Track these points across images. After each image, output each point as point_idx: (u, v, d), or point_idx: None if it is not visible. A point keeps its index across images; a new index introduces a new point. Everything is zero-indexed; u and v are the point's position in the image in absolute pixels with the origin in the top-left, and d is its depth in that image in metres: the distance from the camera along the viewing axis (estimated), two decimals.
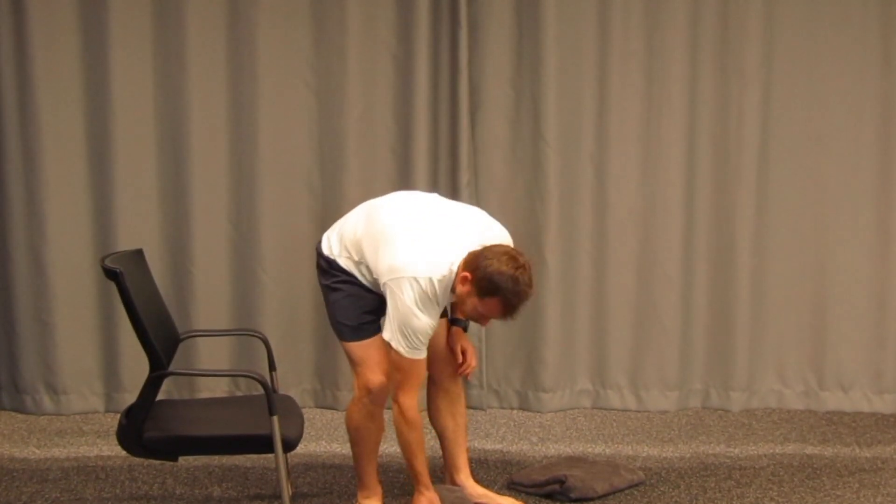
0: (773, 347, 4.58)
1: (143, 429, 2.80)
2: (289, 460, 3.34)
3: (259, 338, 3.45)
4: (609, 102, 4.40)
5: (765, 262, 4.52)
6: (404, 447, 3.16)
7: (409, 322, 2.96)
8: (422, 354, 3.03)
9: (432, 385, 3.43)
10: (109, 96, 4.20)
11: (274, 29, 4.26)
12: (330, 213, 4.35)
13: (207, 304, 4.34)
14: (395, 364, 3.04)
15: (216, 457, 3.85)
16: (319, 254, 3.26)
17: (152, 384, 2.79)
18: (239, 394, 4.35)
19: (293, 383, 4.38)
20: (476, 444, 4.12)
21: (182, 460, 3.33)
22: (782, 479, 3.76)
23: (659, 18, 4.36)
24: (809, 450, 4.12)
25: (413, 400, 3.07)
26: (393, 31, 4.32)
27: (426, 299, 2.96)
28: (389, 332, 3.00)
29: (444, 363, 3.38)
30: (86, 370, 4.35)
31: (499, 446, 4.12)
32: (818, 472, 3.85)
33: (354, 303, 3.16)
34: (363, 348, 3.16)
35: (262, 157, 4.30)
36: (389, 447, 3.85)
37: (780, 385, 4.62)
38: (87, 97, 4.23)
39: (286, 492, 2.88)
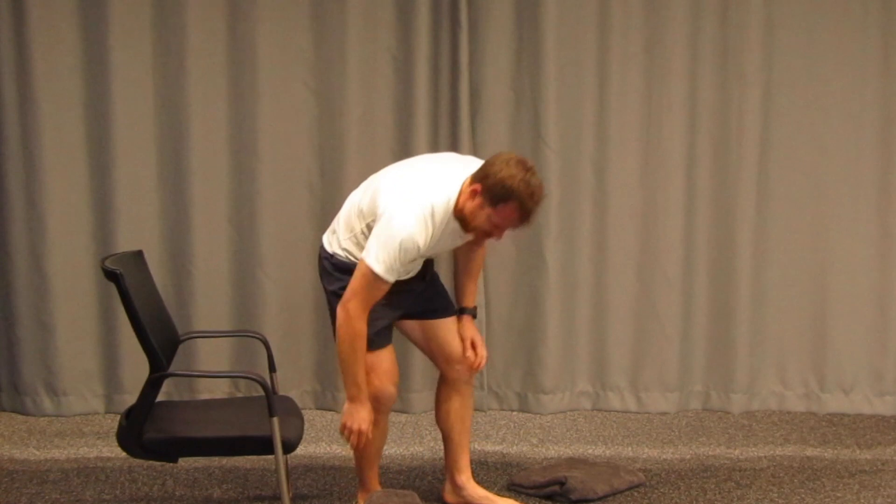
0: (773, 349, 4.59)
1: (143, 430, 2.80)
2: (289, 462, 3.33)
3: (259, 339, 3.44)
4: (609, 104, 4.40)
5: (765, 263, 4.52)
6: (348, 355, 2.97)
7: (400, 241, 2.87)
8: (391, 279, 2.92)
9: (445, 386, 3.37)
10: (109, 97, 4.20)
11: (274, 30, 4.26)
12: (330, 214, 4.32)
13: (207, 305, 4.35)
14: (364, 281, 2.90)
15: (216, 458, 3.84)
16: (323, 254, 3.22)
17: (152, 385, 2.79)
18: (239, 395, 4.35)
19: (293, 385, 4.38)
20: (476, 446, 4.12)
21: (182, 461, 3.33)
22: (782, 480, 3.76)
23: (659, 20, 4.36)
24: (810, 452, 4.12)
25: (364, 312, 2.94)
26: (393, 33, 4.32)
27: (423, 223, 2.91)
28: (371, 252, 2.89)
29: (459, 364, 3.33)
30: (86, 371, 4.36)
31: (499, 448, 4.12)
32: (818, 473, 3.85)
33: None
34: (375, 356, 3.11)
35: (261, 158, 4.30)
36: (389, 449, 3.85)
37: (780, 387, 4.63)
38: (88, 98, 4.23)
39: (286, 493, 2.88)
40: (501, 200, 2.90)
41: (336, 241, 3.16)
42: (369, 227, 3.01)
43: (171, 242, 4.33)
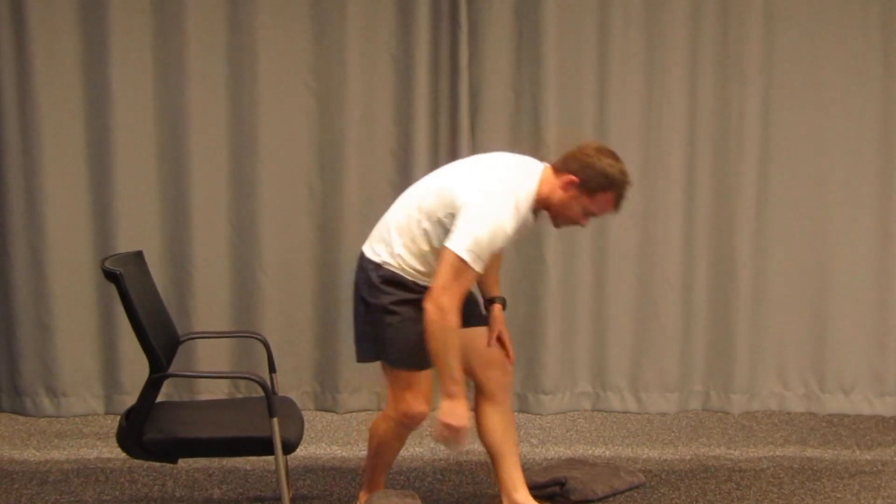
0: (773, 349, 4.58)
1: (143, 431, 2.80)
2: (289, 462, 3.33)
3: (259, 340, 3.44)
4: (609, 105, 4.40)
5: (765, 263, 4.52)
6: (444, 350, 2.89)
7: (491, 227, 2.84)
8: (480, 270, 2.87)
9: (483, 400, 3.28)
10: (110, 98, 4.19)
11: (274, 31, 4.26)
12: (330, 215, 4.35)
13: (207, 305, 4.34)
14: (453, 270, 2.84)
15: (216, 459, 3.85)
16: (366, 265, 3.09)
17: (152, 386, 2.79)
18: (239, 396, 4.35)
19: (293, 386, 4.38)
20: (476, 447, 4.11)
21: (182, 462, 3.33)
22: (782, 481, 3.76)
23: (659, 20, 4.36)
24: (810, 452, 4.12)
25: (457, 305, 2.87)
26: (393, 33, 4.32)
27: (513, 211, 2.89)
28: (460, 240, 2.84)
29: (494, 369, 3.28)
30: (85, 372, 4.35)
31: None
32: (818, 474, 3.85)
33: (415, 328, 2.98)
34: (418, 375, 3.05)
35: (261, 159, 4.30)
36: None
37: (780, 387, 4.62)
38: (88, 99, 4.23)
39: (286, 494, 2.88)
40: (601, 189, 2.98)
41: (386, 249, 3.06)
42: (440, 223, 2.96)
43: (171, 243, 4.33)
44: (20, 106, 4.18)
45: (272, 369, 3.34)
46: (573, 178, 2.97)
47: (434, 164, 4.36)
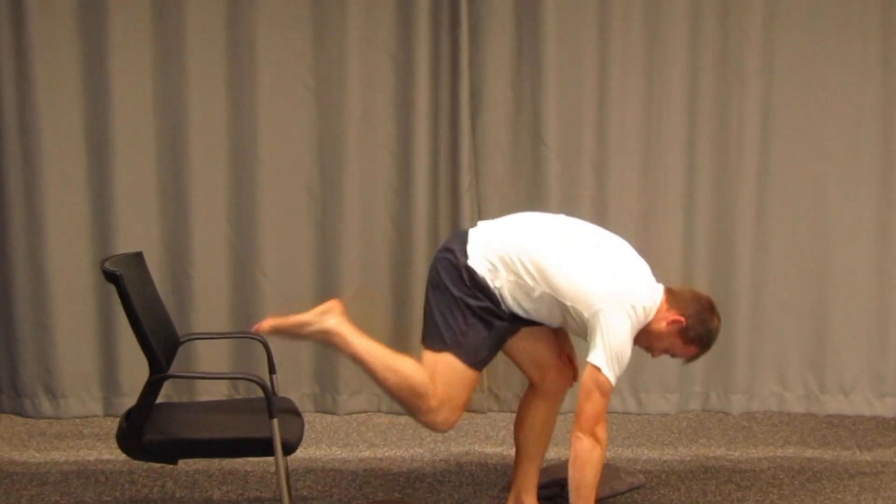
0: (773, 350, 4.59)
1: (143, 432, 2.79)
2: (289, 464, 3.33)
3: (259, 341, 3.43)
4: (609, 105, 4.40)
5: (765, 265, 4.52)
6: (594, 481, 2.93)
7: (624, 350, 2.90)
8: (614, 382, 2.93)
9: (533, 396, 3.26)
10: (109, 98, 4.20)
11: (274, 31, 4.26)
12: (329, 215, 4.35)
13: (206, 307, 4.34)
14: (600, 391, 2.89)
15: (216, 460, 3.84)
16: (458, 262, 3.00)
17: (152, 387, 2.79)
18: (238, 397, 4.35)
19: (293, 387, 4.38)
20: (476, 448, 4.12)
21: (182, 463, 3.31)
22: (782, 482, 3.75)
23: (659, 21, 4.37)
24: (810, 453, 4.11)
25: (605, 430, 2.95)
26: (393, 33, 4.32)
27: (636, 328, 2.95)
28: (604, 359, 2.88)
29: (555, 371, 3.25)
30: (85, 374, 4.35)
31: (498, 449, 4.11)
32: (818, 475, 3.84)
33: (495, 336, 3.02)
34: (469, 380, 2.99)
35: (261, 160, 4.30)
36: (389, 451, 3.86)
37: (780, 388, 4.62)
38: (87, 99, 4.23)
39: (286, 495, 2.87)
40: (695, 343, 3.06)
41: (490, 273, 2.99)
42: (559, 303, 2.96)
43: (171, 244, 4.33)
44: (19, 106, 4.18)
45: (272, 370, 3.33)
46: (682, 320, 3.02)
47: (434, 165, 4.37)
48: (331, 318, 2.99)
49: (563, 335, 3.28)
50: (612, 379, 2.88)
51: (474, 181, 4.38)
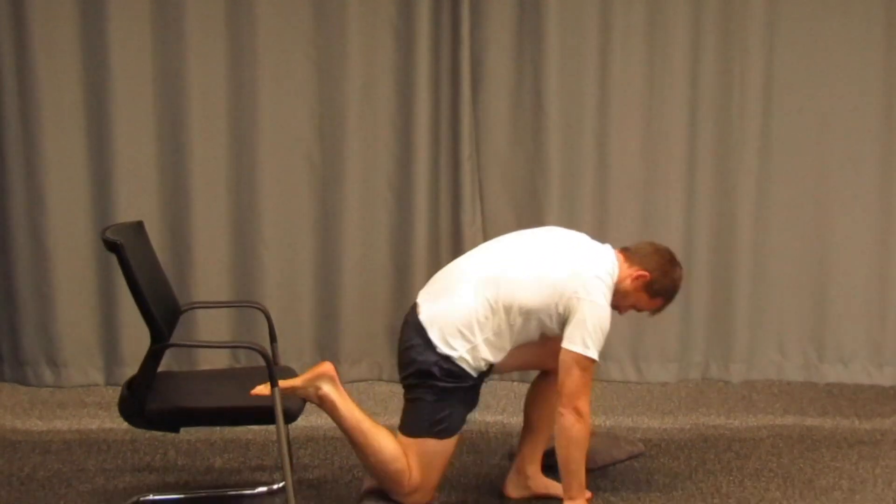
0: (773, 320, 4.59)
1: (145, 400, 2.81)
2: (290, 432, 3.35)
3: (260, 309, 3.45)
4: (611, 76, 4.38)
5: (766, 234, 4.52)
6: (580, 455, 2.97)
7: (604, 323, 2.94)
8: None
9: (551, 374, 3.22)
10: (108, 69, 4.17)
11: (274, 1, 4.23)
12: (329, 185, 4.34)
13: (207, 276, 4.34)
14: (581, 370, 2.90)
15: (217, 428, 3.86)
16: (428, 355, 2.99)
17: (153, 356, 2.79)
18: (239, 366, 4.36)
19: (294, 357, 4.38)
20: (477, 416, 4.13)
21: (184, 432, 3.34)
22: (781, 450, 3.77)
23: None
24: (809, 422, 4.13)
25: (589, 407, 2.97)
26: (393, 3, 4.29)
27: (609, 294, 3.00)
28: (581, 340, 2.90)
29: (555, 354, 3.17)
30: (86, 343, 4.35)
31: (499, 418, 4.13)
32: (817, 443, 3.86)
33: (473, 398, 3.09)
34: (449, 448, 3.02)
35: (261, 130, 4.28)
36: (391, 419, 3.87)
37: (780, 357, 4.64)
38: (86, 70, 4.20)
39: (288, 463, 2.89)
40: (661, 294, 3.13)
41: (465, 344, 2.99)
42: (537, 318, 2.99)
43: (171, 213, 4.32)
44: (18, 75, 4.16)
45: (273, 339, 3.34)
46: (646, 274, 3.09)
47: (435, 136, 4.35)
48: (322, 383, 3.01)
49: None
50: (592, 354, 2.91)
51: (475, 152, 4.37)
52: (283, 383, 2.85)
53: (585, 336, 2.90)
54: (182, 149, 4.27)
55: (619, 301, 3.12)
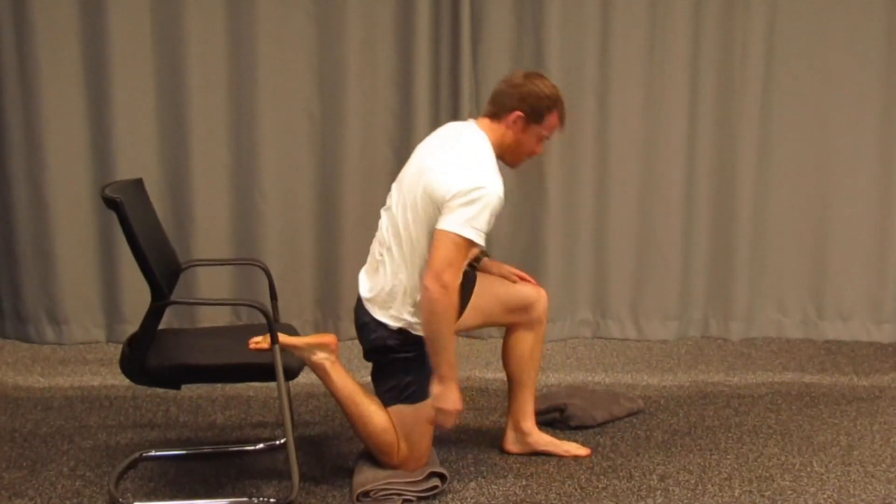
0: (772, 277, 4.61)
1: (146, 357, 2.81)
2: (291, 389, 3.36)
3: (260, 267, 3.44)
4: (612, 33, 4.36)
5: (766, 192, 4.52)
6: (447, 330, 2.82)
7: (486, 200, 2.76)
8: (482, 241, 2.81)
9: (519, 329, 3.22)
10: (106, 25, 4.14)
11: None
12: (329, 142, 4.33)
13: (207, 233, 4.34)
14: (454, 246, 2.75)
15: (219, 385, 3.88)
16: (391, 335, 2.95)
17: (154, 313, 2.80)
18: (240, 324, 4.37)
19: (294, 314, 4.40)
20: (477, 374, 4.15)
21: (185, 388, 3.35)
22: (780, 407, 3.79)
23: None
24: (808, 378, 4.15)
25: (458, 281, 2.79)
26: None
27: (496, 174, 2.84)
28: (457, 220, 2.75)
29: (521, 312, 3.21)
30: (87, 300, 4.37)
31: (499, 375, 4.13)
32: (816, 400, 3.88)
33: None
34: (424, 420, 2.97)
35: (261, 86, 4.26)
36: None
37: (779, 314, 4.66)
38: (84, 26, 4.17)
39: (288, 419, 2.90)
40: (547, 111, 2.97)
41: (399, 306, 2.93)
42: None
43: (171, 171, 4.31)
44: (16, 33, 4.13)
45: (273, 297, 3.34)
46: (518, 113, 2.95)
47: (435, 94, 4.34)
48: (321, 352, 2.99)
49: (496, 264, 3.31)
50: (466, 233, 2.75)
51: (475, 109, 4.35)
52: (282, 340, 2.86)
53: (463, 217, 2.75)
54: (181, 105, 4.25)
55: (516, 155, 3.02)
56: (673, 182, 4.47)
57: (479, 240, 2.79)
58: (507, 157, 3.03)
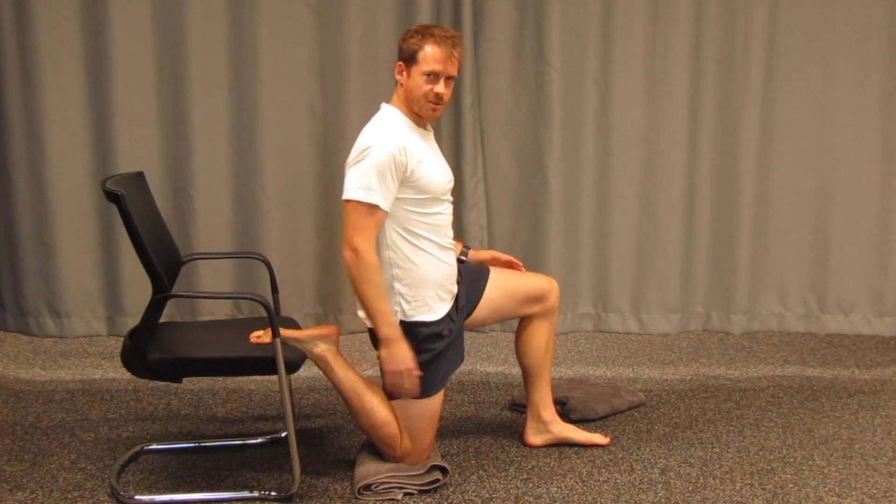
0: (774, 270, 4.61)
1: (147, 351, 2.81)
2: (292, 382, 3.36)
3: (261, 260, 3.44)
4: (614, 24, 4.35)
5: (767, 185, 4.51)
6: (374, 291, 2.82)
7: (369, 156, 2.78)
8: (380, 201, 2.79)
9: (533, 321, 3.25)
10: (108, 17, 4.14)
11: None
12: (331, 135, 4.32)
13: (208, 227, 4.34)
14: (353, 212, 2.79)
15: (220, 378, 3.88)
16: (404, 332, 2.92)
17: (155, 306, 2.79)
18: (241, 317, 4.37)
19: (295, 307, 4.40)
20: (478, 367, 4.15)
21: (186, 381, 3.35)
22: (782, 400, 3.79)
23: None
24: (809, 372, 4.15)
25: (370, 243, 2.81)
26: None
27: (388, 130, 2.85)
28: (346, 187, 2.81)
29: (534, 303, 3.22)
30: (88, 294, 4.37)
31: (500, 368, 4.15)
32: (817, 393, 3.88)
33: (448, 360, 3.01)
34: (434, 409, 3.00)
35: (262, 79, 4.25)
36: None
37: (780, 308, 4.65)
38: (85, 18, 4.17)
39: (290, 412, 2.90)
40: (419, 47, 2.88)
41: (392, 300, 2.93)
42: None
43: (172, 164, 4.31)
44: (17, 24, 4.13)
45: (275, 290, 3.34)
46: (398, 63, 2.94)
47: None
48: (323, 343, 2.98)
49: (478, 253, 3.32)
50: (355, 195, 2.78)
51: (477, 100, 4.35)
52: (284, 333, 2.85)
53: (352, 182, 2.80)
54: (183, 98, 4.24)
55: (418, 103, 2.92)
56: (674, 175, 4.47)
57: (369, 198, 2.78)
58: (415, 108, 2.96)
